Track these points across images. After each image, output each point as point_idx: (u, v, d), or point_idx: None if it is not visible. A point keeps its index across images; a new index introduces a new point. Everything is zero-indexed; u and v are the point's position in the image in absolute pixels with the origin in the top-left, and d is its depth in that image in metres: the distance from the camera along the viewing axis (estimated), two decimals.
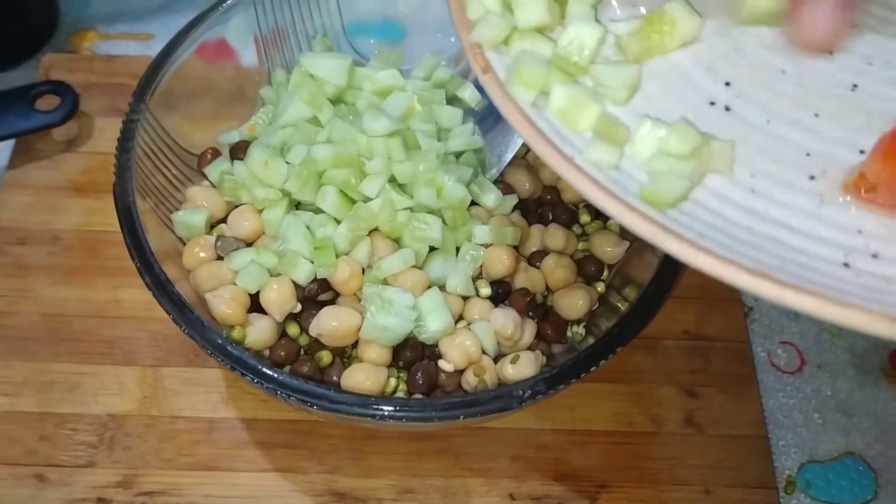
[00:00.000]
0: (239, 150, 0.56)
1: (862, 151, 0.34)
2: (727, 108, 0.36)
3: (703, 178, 0.34)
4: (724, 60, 0.37)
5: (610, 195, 0.32)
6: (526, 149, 0.62)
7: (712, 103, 0.36)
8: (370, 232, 0.52)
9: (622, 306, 0.53)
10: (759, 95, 0.36)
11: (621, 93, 0.36)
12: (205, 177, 0.57)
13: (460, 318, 0.53)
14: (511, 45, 0.39)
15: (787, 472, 0.59)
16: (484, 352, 0.51)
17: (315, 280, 0.51)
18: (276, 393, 0.44)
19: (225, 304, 0.50)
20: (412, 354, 0.51)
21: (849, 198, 0.33)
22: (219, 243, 0.52)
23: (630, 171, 0.35)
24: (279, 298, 0.50)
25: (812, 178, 0.34)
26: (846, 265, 0.31)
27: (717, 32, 0.38)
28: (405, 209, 0.52)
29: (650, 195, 0.33)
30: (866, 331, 0.27)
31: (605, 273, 0.57)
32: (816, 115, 0.35)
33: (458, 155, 0.57)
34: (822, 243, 0.32)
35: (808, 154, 0.34)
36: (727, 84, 0.37)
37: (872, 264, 0.31)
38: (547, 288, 0.55)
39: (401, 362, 0.51)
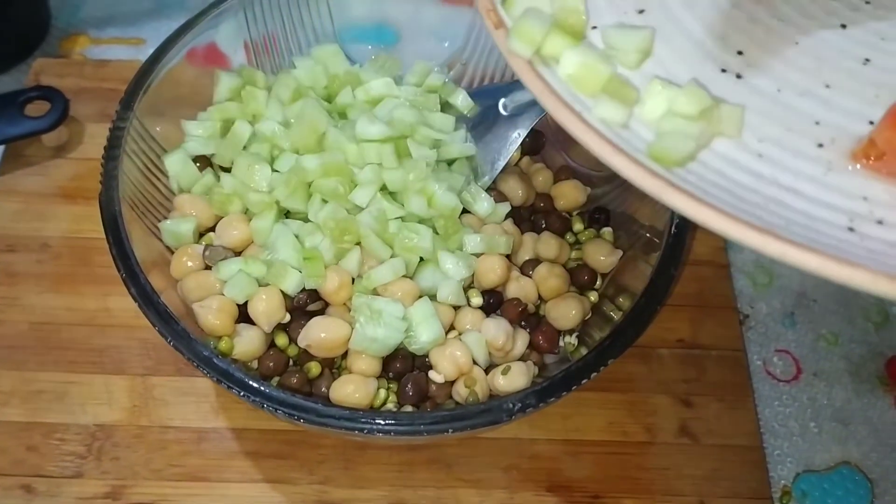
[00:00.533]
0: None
1: (871, 122, 0.34)
2: (738, 76, 0.36)
3: (711, 141, 0.34)
4: (737, 30, 0.38)
5: (617, 149, 0.32)
6: (519, 156, 0.62)
7: (724, 70, 0.36)
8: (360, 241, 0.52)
9: (615, 316, 0.52)
10: (770, 65, 0.37)
11: (632, 56, 0.36)
12: None
13: (451, 328, 0.52)
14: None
15: (783, 481, 0.58)
16: (475, 362, 0.51)
17: (304, 290, 0.51)
18: (264, 406, 0.43)
19: (212, 315, 0.49)
20: (402, 365, 0.51)
21: (856, 166, 0.33)
22: (207, 252, 0.52)
23: (638, 131, 0.35)
24: (267, 309, 0.50)
25: (820, 145, 0.34)
26: (851, 229, 0.31)
27: (732, 3, 0.38)
28: (396, 218, 0.52)
29: (657, 153, 0.33)
30: (868, 289, 0.27)
31: (599, 282, 0.57)
32: (827, 87, 0.36)
33: (451, 162, 0.57)
34: (827, 208, 0.32)
35: (817, 123, 0.35)
36: (739, 53, 0.37)
37: (877, 230, 0.31)
38: (539, 297, 0.55)
39: (391, 373, 0.51)
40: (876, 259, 0.29)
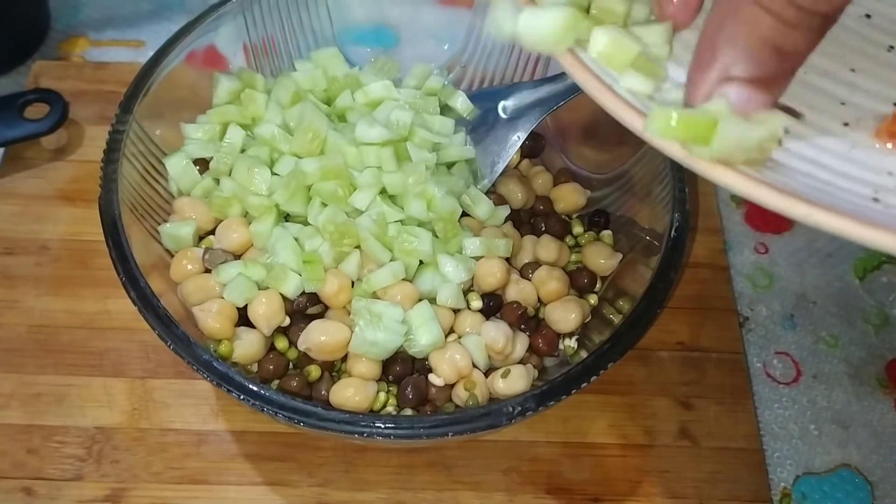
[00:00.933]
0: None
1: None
2: None
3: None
4: None
5: (639, 113, 0.32)
6: (518, 159, 0.62)
7: None
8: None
9: (615, 319, 0.52)
10: None
11: (661, 47, 0.36)
12: None
13: (451, 331, 0.52)
14: None
15: (783, 484, 0.58)
16: (475, 366, 0.51)
17: (304, 293, 0.51)
18: (264, 410, 0.43)
19: (212, 318, 0.49)
20: (402, 369, 0.51)
21: (882, 143, 0.34)
22: (207, 256, 0.52)
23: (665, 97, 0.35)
24: (267, 312, 0.50)
25: (846, 124, 0.34)
26: (876, 199, 0.31)
27: None
28: (396, 222, 0.52)
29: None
30: (891, 250, 0.28)
31: (598, 285, 0.57)
32: (852, 70, 0.36)
33: (450, 165, 0.57)
34: (852, 180, 0.32)
35: (842, 103, 0.35)
36: None
37: None
38: (539, 300, 0.55)
39: (390, 376, 0.51)
40: None
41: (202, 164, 0.56)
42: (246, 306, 0.50)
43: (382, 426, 0.43)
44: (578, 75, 0.35)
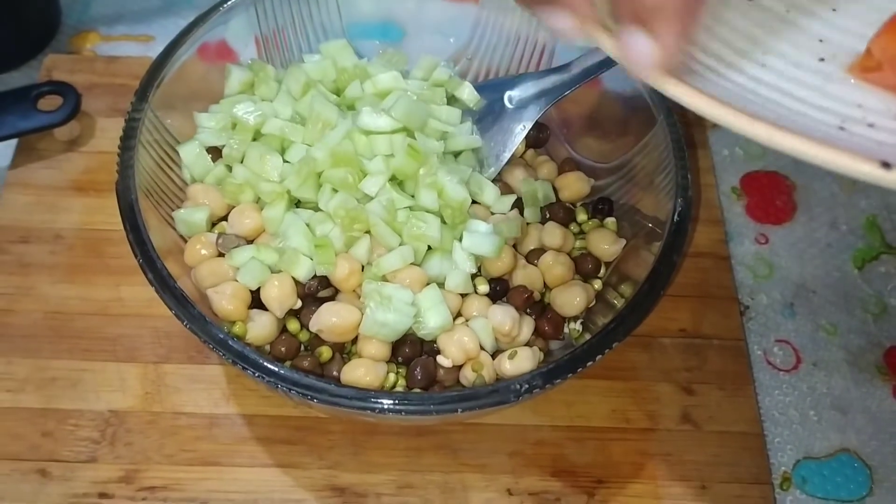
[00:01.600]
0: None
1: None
2: None
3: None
4: None
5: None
6: (524, 149, 0.63)
7: None
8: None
9: (619, 303, 0.53)
10: None
11: None
12: None
13: (458, 314, 0.53)
14: None
15: (783, 468, 0.59)
16: (482, 348, 0.52)
17: (315, 277, 0.52)
18: (278, 387, 0.44)
19: (226, 300, 0.50)
20: (411, 350, 0.52)
21: (854, 79, 0.35)
22: (220, 240, 0.53)
23: None
24: (280, 295, 0.51)
25: (821, 59, 0.36)
26: (841, 128, 0.32)
27: None
28: (405, 208, 0.53)
29: None
30: (849, 172, 0.28)
31: (603, 270, 0.58)
32: (833, 10, 0.38)
33: (457, 154, 0.58)
34: (822, 111, 0.33)
35: (820, 40, 0.36)
36: None
37: (867, 130, 0.32)
38: (545, 285, 0.56)
39: (400, 358, 0.52)
40: (859, 149, 0.30)
41: (215, 152, 0.57)
42: (259, 289, 0.51)
43: (393, 402, 0.44)
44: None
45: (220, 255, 0.53)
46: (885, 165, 0.28)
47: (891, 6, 0.37)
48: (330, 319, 0.50)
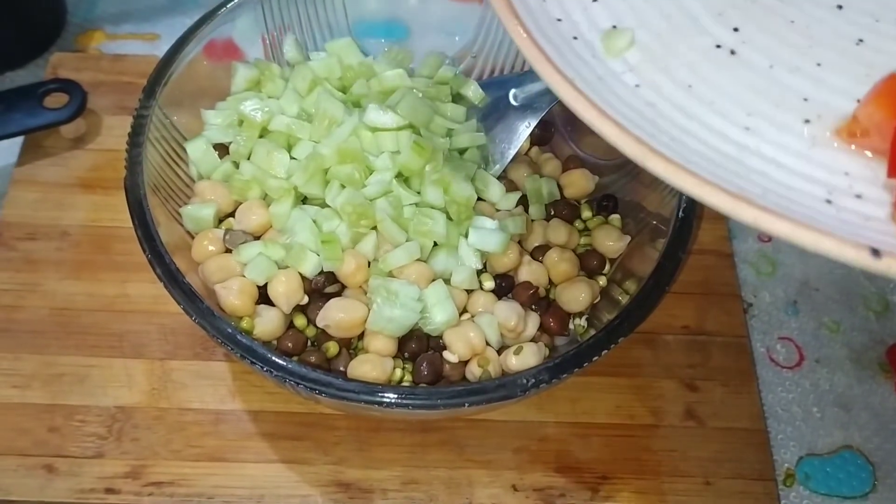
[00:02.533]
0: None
1: (859, 101, 0.35)
2: (732, 52, 0.37)
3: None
4: (734, 8, 0.39)
5: (603, 114, 0.33)
6: (528, 146, 0.63)
7: (718, 46, 0.37)
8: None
9: (623, 299, 0.53)
10: (765, 42, 0.37)
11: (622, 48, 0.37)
12: None
13: (464, 310, 0.54)
14: None
15: (787, 465, 0.60)
16: (488, 343, 0.52)
17: (322, 272, 0.52)
18: (285, 381, 0.45)
19: (233, 296, 0.50)
20: (417, 346, 0.52)
21: (840, 143, 0.34)
22: (227, 236, 0.53)
23: (619, 83, 0.36)
24: (287, 290, 0.51)
25: (807, 121, 0.35)
26: (829, 202, 0.32)
27: None
28: (411, 204, 0.53)
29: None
30: (834, 256, 0.28)
31: (607, 267, 0.58)
32: (819, 65, 0.36)
33: (462, 152, 0.58)
34: (807, 180, 0.32)
35: (805, 99, 0.35)
36: (735, 30, 0.38)
37: (854, 203, 0.31)
38: (550, 281, 0.56)
39: (406, 353, 0.52)
40: (847, 229, 0.29)
41: (222, 148, 0.57)
42: (266, 285, 0.52)
43: (400, 396, 0.44)
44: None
45: (228, 250, 0.53)
46: (875, 253, 0.27)
47: (876, 59, 0.36)
48: (337, 315, 0.50)
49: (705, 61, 0.37)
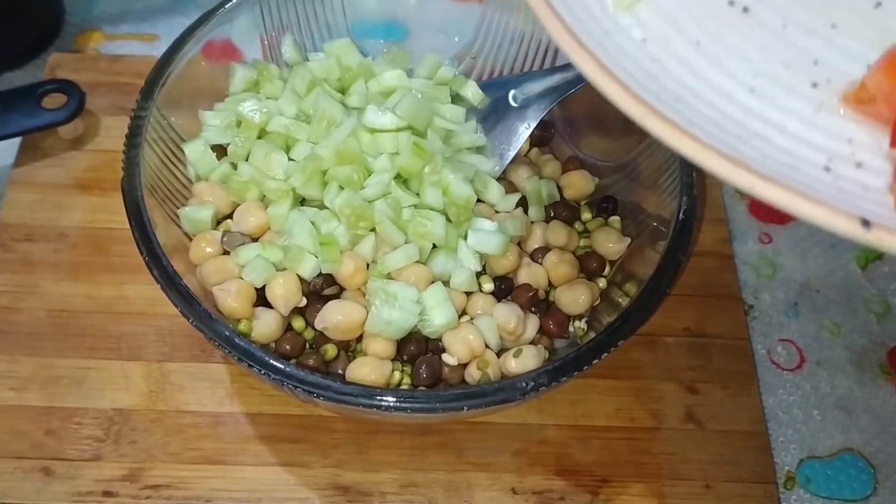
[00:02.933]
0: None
1: (870, 66, 0.34)
2: (745, 10, 0.36)
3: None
4: None
5: (608, 73, 0.32)
6: (528, 148, 0.63)
7: (731, 3, 0.36)
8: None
9: (624, 302, 0.53)
10: (779, 2, 0.36)
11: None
12: None
13: (463, 312, 0.53)
14: None
15: (787, 467, 0.59)
16: (487, 346, 0.52)
17: (320, 275, 0.52)
18: (283, 384, 0.44)
19: (231, 298, 0.50)
20: (416, 348, 0.52)
21: (846, 110, 0.33)
22: (225, 238, 0.53)
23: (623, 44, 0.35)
24: (285, 292, 0.51)
25: (815, 85, 0.34)
26: (827, 169, 0.31)
27: None
28: (410, 206, 0.53)
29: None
30: (826, 226, 0.28)
31: (607, 269, 0.58)
32: (833, 27, 0.35)
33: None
34: (808, 146, 0.32)
35: (815, 62, 0.35)
36: None
37: (854, 171, 0.31)
38: (549, 283, 0.56)
39: (405, 356, 0.52)
40: (842, 199, 0.29)
41: (220, 150, 0.57)
42: (264, 287, 0.51)
43: (399, 400, 0.44)
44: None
45: (226, 252, 0.53)
46: (865, 224, 0.27)
47: (892, 23, 0.35)
48: (335, 317, 0.50)
49: (716, 18, 0.36)
